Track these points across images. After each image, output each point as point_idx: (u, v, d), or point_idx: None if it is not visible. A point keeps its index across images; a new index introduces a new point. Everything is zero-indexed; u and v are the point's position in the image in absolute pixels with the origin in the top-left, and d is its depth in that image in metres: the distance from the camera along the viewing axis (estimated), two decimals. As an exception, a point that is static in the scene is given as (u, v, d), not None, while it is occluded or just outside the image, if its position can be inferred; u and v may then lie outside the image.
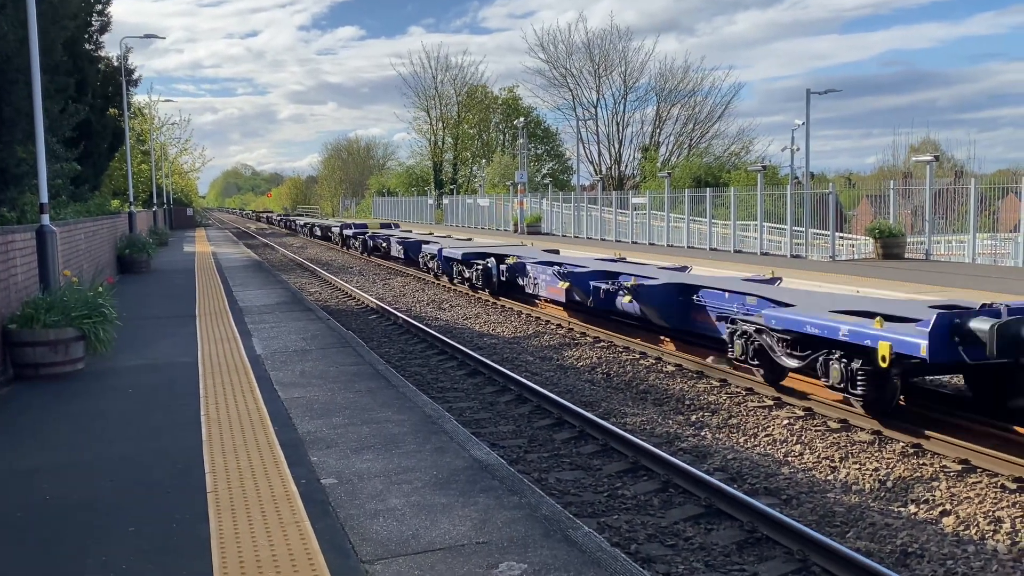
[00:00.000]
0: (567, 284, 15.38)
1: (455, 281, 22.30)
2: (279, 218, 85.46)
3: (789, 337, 9.31)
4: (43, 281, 10.20)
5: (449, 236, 32.90)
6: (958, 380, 10.06)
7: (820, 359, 8.87)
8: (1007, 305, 7.91)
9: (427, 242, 27.10)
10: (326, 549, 4.43)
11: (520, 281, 18.21)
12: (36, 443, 6.67)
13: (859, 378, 8.39)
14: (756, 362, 10.06)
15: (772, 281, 13.63)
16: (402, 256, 28.85)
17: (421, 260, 25.81)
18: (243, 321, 13.19)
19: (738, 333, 10.27)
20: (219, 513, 4.96)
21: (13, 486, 5.63)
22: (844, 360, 8.53)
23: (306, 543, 4.51)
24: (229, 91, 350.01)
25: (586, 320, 15.72)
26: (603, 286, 13.99)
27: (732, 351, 10.43)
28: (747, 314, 10.70)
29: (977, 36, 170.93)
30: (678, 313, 12.61)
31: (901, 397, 8.89)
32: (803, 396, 9.77)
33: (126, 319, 11.70)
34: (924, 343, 7.50)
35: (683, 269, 16.25)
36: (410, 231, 39.75)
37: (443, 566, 4.25)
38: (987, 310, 7.96)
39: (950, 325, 7.59)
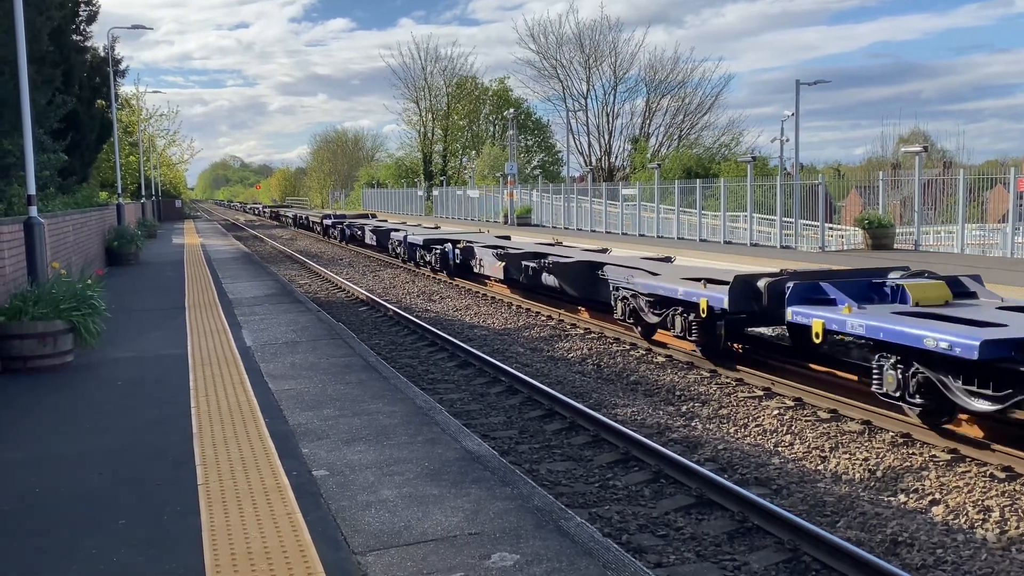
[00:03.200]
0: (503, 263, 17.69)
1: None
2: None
3: (652, 298, 11.83)
4: (31, 273, 10.13)
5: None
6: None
7: (670, 314, 11.40)
8: (785, 270, 10.54)
9: None
10: (318, 541, 4.42)
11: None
12: (25, 436, 6.63)
13: (693, 327, 10.88)
14: (632, 320, 12.64)
15: (667, 260, 15.36)
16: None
17: None
18: (233, 313, 13.14)
19: (620, 297, 12.78)
20: (210, 505, 4.95)
21: (2, 479, 5.59)
22: (684, 314, 11.08)
23: (298, 535, 4.50)
24: (218, 83, 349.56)
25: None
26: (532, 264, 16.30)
27: (616, 312, 12.95)
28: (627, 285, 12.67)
29: (962, 28, 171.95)
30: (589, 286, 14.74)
31: (736, 345, 11.47)
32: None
33: (115, 311, 11.63)
34: (726, 298, 10.13)
35: (604, 251, 18.05)
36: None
37: (435, 557, 4.24)
38: (769, 274, 10.38)
39: (743, 285, 10.15)
